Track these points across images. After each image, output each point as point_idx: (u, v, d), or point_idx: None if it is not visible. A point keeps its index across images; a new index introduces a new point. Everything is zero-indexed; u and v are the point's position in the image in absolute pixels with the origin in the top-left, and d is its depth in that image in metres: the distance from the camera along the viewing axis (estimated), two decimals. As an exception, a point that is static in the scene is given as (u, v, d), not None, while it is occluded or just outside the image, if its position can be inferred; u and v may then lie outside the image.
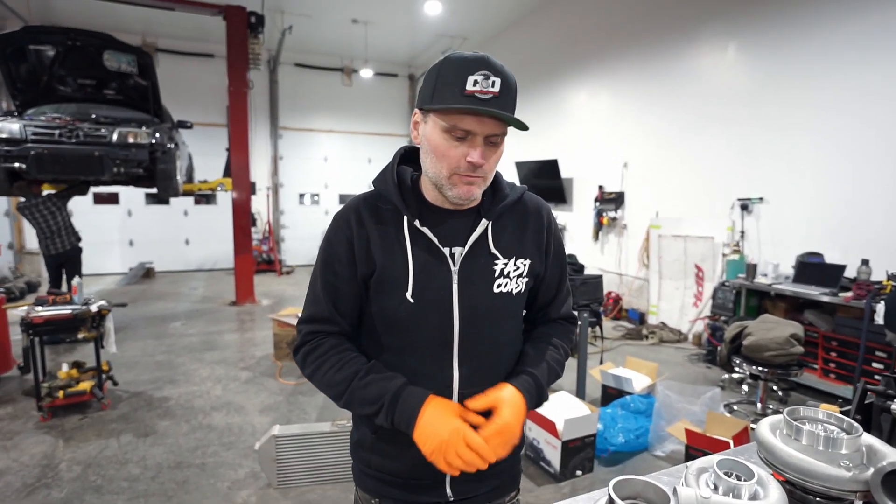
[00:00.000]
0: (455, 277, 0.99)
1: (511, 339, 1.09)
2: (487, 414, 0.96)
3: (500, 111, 0.87)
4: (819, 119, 4.42)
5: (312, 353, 1.02)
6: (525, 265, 1.06)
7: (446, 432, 0.90)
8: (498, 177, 1.06)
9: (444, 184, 0.95)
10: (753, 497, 0.78)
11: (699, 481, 0.81)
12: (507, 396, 0.97)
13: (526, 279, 1.06)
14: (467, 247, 1.00)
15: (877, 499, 0.76)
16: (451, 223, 1.02)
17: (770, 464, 0.89)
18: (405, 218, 1.00)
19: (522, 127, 0.91)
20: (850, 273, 4.07)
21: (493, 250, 1.02)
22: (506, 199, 1.04)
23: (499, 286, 1.02)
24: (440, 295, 0.99)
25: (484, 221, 1.01)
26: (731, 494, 0.77)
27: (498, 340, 1.05)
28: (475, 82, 0.86)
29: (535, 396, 1.02)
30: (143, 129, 5.10)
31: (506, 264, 1.03)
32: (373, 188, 1.05)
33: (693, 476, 0.83)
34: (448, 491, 1.05)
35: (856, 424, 0.86)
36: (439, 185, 0.96)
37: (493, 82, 0.87)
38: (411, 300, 0.98)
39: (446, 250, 1.00)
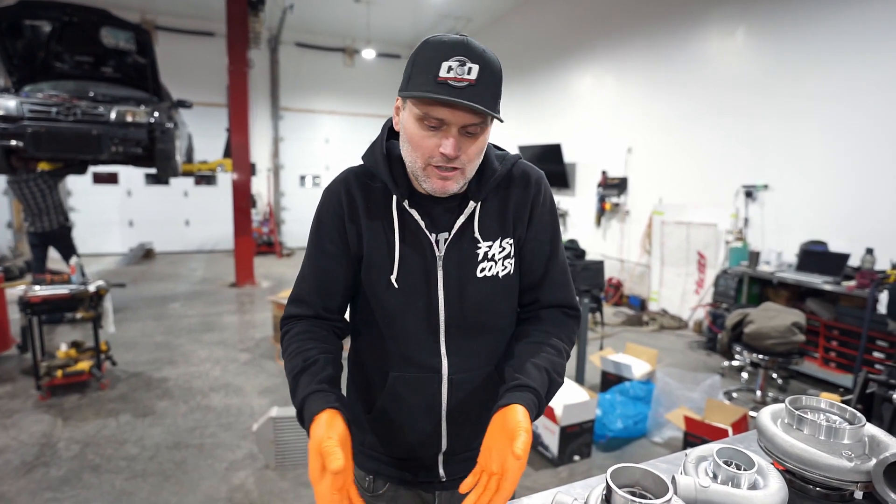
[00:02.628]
0: (440, 263, 0.97)
1: (501, 325, 1.05)
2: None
3: (472, 102, 0.80)
4: (827, 107, 4.34)
5: (284, 338, 1.00)
6: (510, 244, 1.01)
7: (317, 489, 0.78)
8: (487, 152, 0.98)
9: (419, 174, 0.90)
10: (753, 486, 0.76)
11: (698, 470, 0.80)
12: (513, 463, 0.79)
13: (513, 259, 1.02)
14: (453, 231, 0.97)
15: (878, 489, 0.74)
16: (439, 206, 0.98)
17: (770, 453, 0.87)
18: (394, 198, 0.96)
19: (498, 119, 0.86)
20: (854, 262, 4.04)
21: (476, 234, 0.98)
22: (495, 174, 0.98)
23: (482, 270, 0.98)
24: (425, 281, 0.97)
25: (472, 204, 0.97)
26: (730, 483, 0.76)
27: (486, 326, 1.02)
28: (449, 69, 0.80)
29: (535, 413, 0.89)
30: (142, 107, 5.04)
31: (489, 247, 0.99)
32: (362, 163, 1.02)
33: (692, 464, 0.81)
34: (441, 472, 1.05)
35: (859, 414, 0.84)
36: (415, 175, 0.91)
37: (470, 69, 0.80)
38: (396, 285, 0.96)
39: (432, 236, 0.97)
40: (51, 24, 4.92)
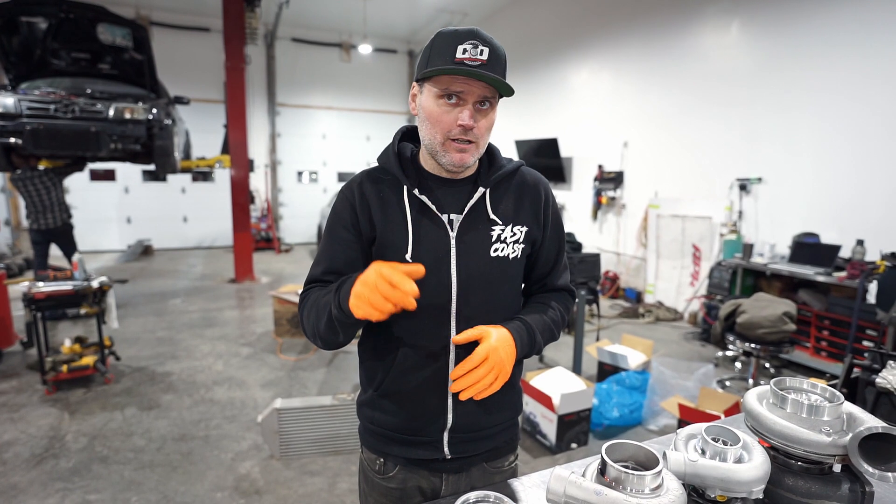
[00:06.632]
0: (453, 242, 1.04)
1: (508, 305, 1.12)
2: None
3: (489, 72, 0.91)
4: (819, 100, 4.41)
5: (304, 302, 1.07)
6: (522, 232, 1.09)
7: (371, 276, 0.87)
8: (494, 149, 1.11)
9: (437, 150, 0.99)
10: (738, 460, 0.81)
11: (688, 446, 0.85)
12: (494, 329, 1.00)
13: (523, 245, 1.09)
14: (465, 212, 1.04)
15: (853, 461, 0.80)
16: (450, 191, 1.06)
17: (756, 431, 0.92)
18: (405, 187, 1.04)
19: (509, 91, 0.95)
20: (844, 253, 4.11)
21: (492, 216, 1.06)
22: (502, 169, 1.08)
23: (496, 250, 1.06)
24: (438, 259, 1.03)
25: (481, 189, 1.05)
26: (717, 458, 0.81)
27: (496, 305, 1.08)
28: (464, 50, 0.91)
29: (528, 343, 1.04)
30: (140, 104, 5.05)
31: (503, 230, 1.07)
32: (377, 164, 1.10)
33: (682, 441, 0.86)
34: (446, 449, 1.10)
35: (837, 393, 0.90)
36: (433, 152, 1.00)
37: (482, 51, 0.92)
38: (409, 262, 1.01)
39: (444, 217, 1.04)
40: (47, 20, 4.91)
